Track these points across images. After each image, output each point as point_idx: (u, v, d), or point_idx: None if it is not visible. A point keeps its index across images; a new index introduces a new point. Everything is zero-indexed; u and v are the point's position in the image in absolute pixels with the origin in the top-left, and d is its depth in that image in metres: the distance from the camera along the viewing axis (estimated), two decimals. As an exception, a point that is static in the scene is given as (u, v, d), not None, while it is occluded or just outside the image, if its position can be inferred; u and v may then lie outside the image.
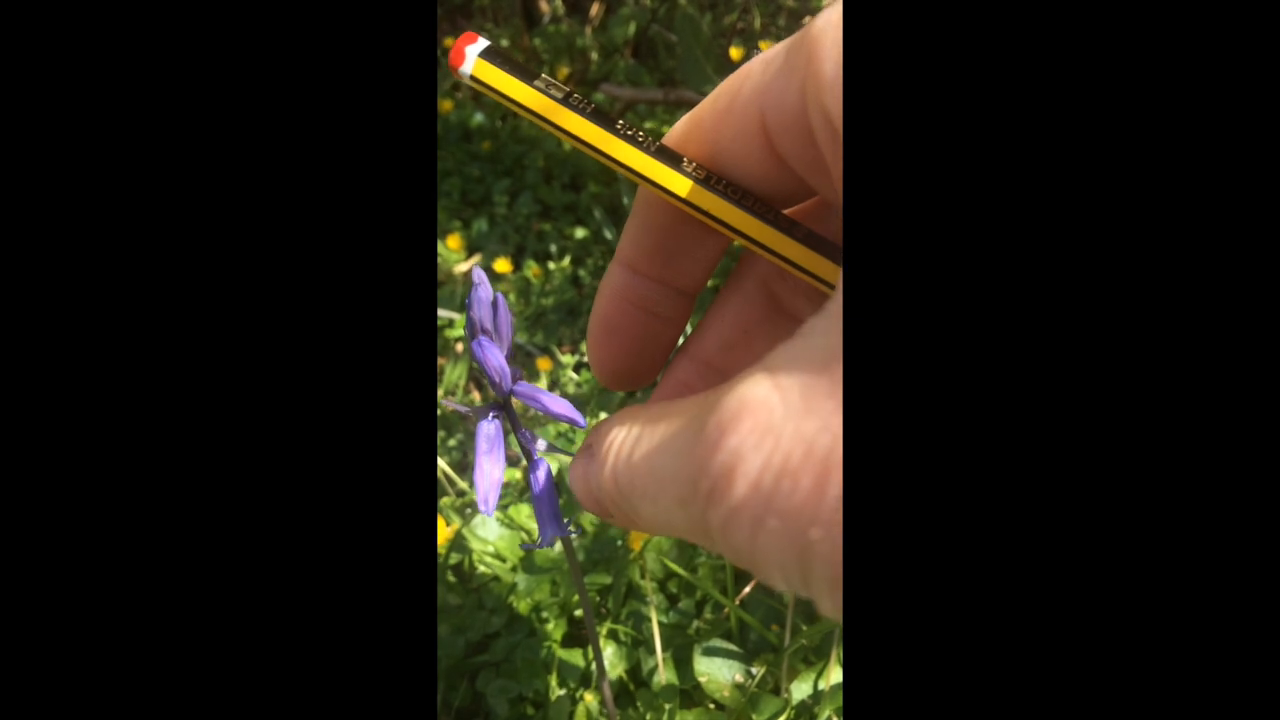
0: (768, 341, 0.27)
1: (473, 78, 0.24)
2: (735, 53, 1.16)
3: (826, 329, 0.16)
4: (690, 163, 0.23)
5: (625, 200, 1.06)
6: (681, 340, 0.28)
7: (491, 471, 0.32)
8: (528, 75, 0.24)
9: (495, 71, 0.24)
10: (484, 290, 0.29)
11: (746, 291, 0.27)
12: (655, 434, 0.20)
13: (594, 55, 1.27)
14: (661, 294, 0.26)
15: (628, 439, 0.21)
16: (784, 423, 0.16)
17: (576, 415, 0.30)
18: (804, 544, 0.15)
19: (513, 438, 0.34)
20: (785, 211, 0.24)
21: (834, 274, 0.23)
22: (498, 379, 0.30)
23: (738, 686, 0.51)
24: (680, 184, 0.23)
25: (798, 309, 0.27)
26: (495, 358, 0.29)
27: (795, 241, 0.22)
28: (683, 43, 0.84)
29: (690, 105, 1.04)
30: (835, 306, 0.16)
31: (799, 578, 0.16)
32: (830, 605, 0.16)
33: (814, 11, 1.27)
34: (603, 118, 0.23)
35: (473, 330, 0.29)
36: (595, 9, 1.36)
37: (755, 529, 0.16)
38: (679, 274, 0.26)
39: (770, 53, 0.21)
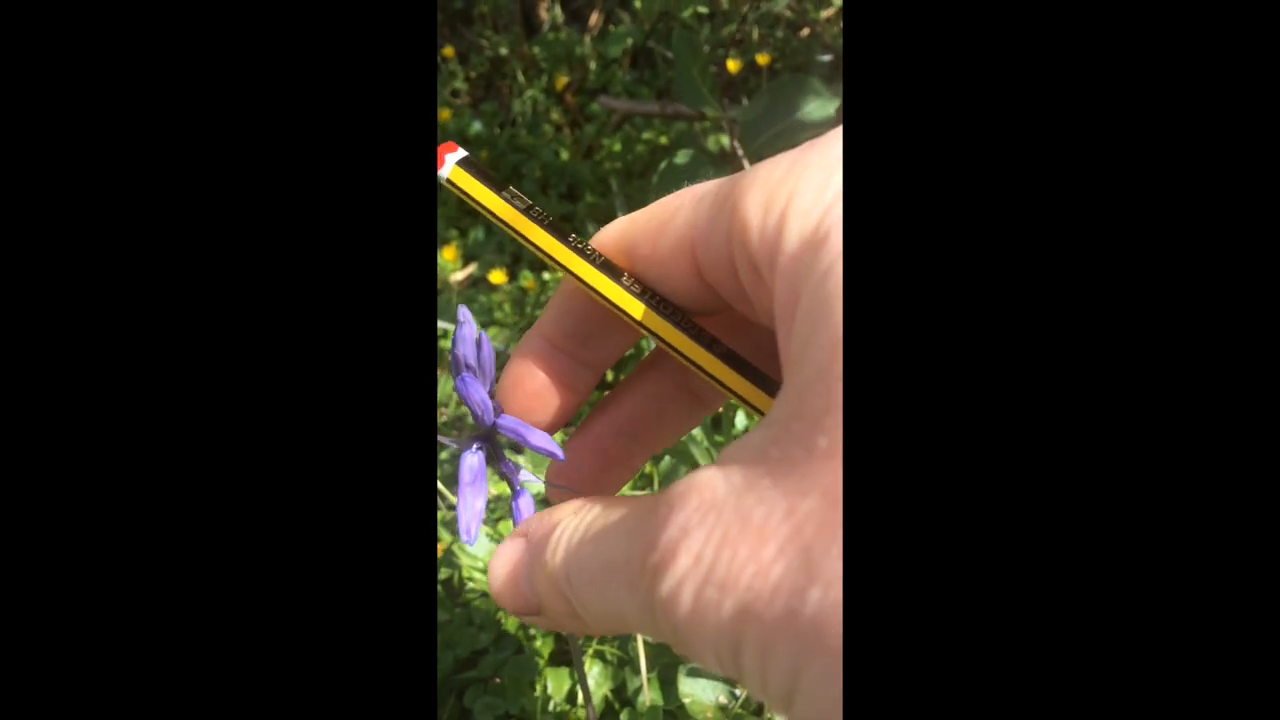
0: (677, 419, 0.30)
1: (449, 180, 0.27)
2: (733, 65, 1.16)
3: (774, 438, 0.17)
4: (628, 277, 0.26)
5: (619, 213, 1.06)
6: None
7: (474, 502, 0.33)
8: (497, 186, 0.27)
9: (469, 179, 0.27)
10: (468, 329, 0.29)
11: (661, 370, 0.30)
12: (606, 521, 0.21)
13: (592, 64, 1.27)
14: (572, 368, 0.29)
15: (578, 528, 0.22)
16: (725, 498, 0.17)
17: (557, 450, 0.31)
18: (737, 614, 0.16)
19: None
20: (700, 319, 0.26)
21: (746, 389, 0.25)
22: (480, 413, 0.30)
23: (721, 708, 0.52)
24: (620, 297, 0.26)
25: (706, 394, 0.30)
26: (479, 393, 0.30)
27: (716, 358, 0.25)
28: (678, 59, 0.85)
29: (686, 120, 1.02)
30: (777, 416, 0.17)
31: (729, 654, 0.17)
32: (758, 689, 0.17)
33: (811, 23, 1.27)
34: (557, 230, 0.26)
35: (457, 367, 0.30)
36: (595, 18, 1.36)
37: (696, 600, 0.17)
38: (591, 354, 0.29)
39: (701, 190, 0.23)
